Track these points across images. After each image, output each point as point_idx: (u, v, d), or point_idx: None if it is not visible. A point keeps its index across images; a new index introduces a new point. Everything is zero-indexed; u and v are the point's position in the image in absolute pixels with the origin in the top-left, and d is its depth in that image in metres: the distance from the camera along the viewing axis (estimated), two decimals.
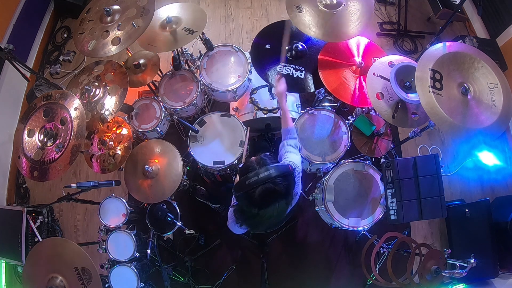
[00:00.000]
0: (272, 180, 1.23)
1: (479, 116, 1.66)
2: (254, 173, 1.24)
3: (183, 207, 2.21)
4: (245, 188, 1.25)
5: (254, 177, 1.23)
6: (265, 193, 1.23)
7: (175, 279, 2.49)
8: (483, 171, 2.83)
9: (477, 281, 2.39)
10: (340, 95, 2.03)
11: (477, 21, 3.20)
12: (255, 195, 1.23)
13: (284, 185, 1.25)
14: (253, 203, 1.25)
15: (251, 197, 1.24)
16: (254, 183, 1.23)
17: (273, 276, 2.51)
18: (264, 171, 1.24)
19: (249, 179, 1.24)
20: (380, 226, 2.02)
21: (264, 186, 1.22)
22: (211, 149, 2.21)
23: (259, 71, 2.12)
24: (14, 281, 2.57)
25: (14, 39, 2.83)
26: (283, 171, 1.26)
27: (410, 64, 1.94)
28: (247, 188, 1.24)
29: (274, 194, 1.24)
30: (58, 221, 2.80)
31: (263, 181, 1.22)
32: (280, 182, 1.24)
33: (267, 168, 1.25)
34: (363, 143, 2.27)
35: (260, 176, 1.23)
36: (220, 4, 3.53)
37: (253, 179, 1.23)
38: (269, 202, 1.24)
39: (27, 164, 1.86)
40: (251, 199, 1.24)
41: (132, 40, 1.93)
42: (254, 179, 1.23)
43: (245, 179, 1.25)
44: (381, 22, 3.36)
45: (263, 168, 1.26)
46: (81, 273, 1.73)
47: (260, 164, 1.30)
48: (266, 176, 1.23)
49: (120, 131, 2.19)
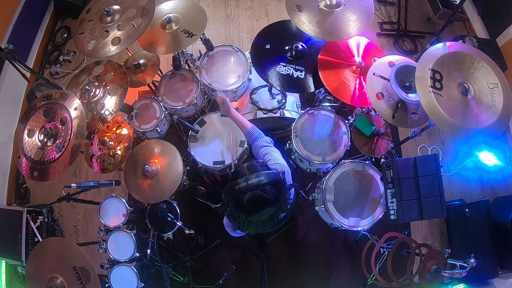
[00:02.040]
0: (261, 187, 1.22)
1: (479, 116, 1.66)
2: (244, 179, 1.24)
3: (183, 207, 2.21)
4: (234, 193, 1.25)
5: (244, 183, 1.23)
6: (254, 199, 1.22)
7: (175, 279, 2.49)
8: (483, 171, 2.83)
9: (477, 281, 2.39)
10: (340, 95, 2.02)
11: (477, 21, 3.20)
12: (244, 201, 1.23)
13: (273, 192, 1.24)
14: (241, 209, 1.25)
15: (239, 203, 1.24)
16: (243, 188, 1.22)
17: (273, 276, 2.51)
18: (254, 178, 1.23)
19: (238, 184, 1.24)
20: (380, 226, 2.02)
21: (253, 193, 1.22)
22: (211, 149, 2.21)
23: (259, 71, 2.12)
24: (14, 281, 2.57)
25: (14, 39, 2.82)
26: (273, 179, 1.26)
27: (410, 64, 1.94)
28: (236, 193, 1.24)
29: (262, 201, 1.23)
30: (58, 221, 2.80)
31: (252, 187, 1.22)
32: (269, 189, 1.24)
33: (258, 174, 1.25)
34: (363, 143, 2.27)
35: (249, 182, 1.23)
36: (220, 4, 3.53)
37: (242, 185, 1.23)
38: (257, 208, 1.24)
39: (27, 164, 1.86)
40: (239, 205, 1.24)
41: (132, 40, 1.92)
42: (243, 185, 1.23)
43: (234, 184, 1.25)
44: (381, 22, 3.36)
45: (254, 174, 1.25)
46: (79, 272, 1.73)
47: (251, 171, 1.29)
48: (256, 183, 1.22)
49: (120, 131, 2.19)
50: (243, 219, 1.27)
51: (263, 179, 1.23)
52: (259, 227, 1.31)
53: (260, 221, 1.28)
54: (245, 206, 1.24)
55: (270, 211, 1.25)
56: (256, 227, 1.31)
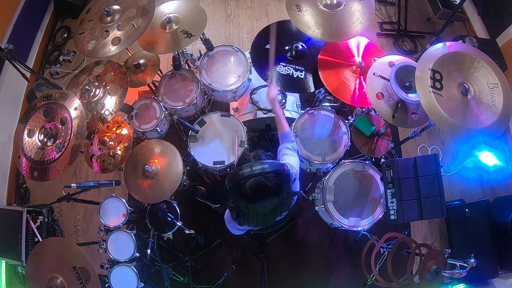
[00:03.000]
0: (264, 175, 1.23)
1: (479, 116, 1.66)
2: (248, 165, 1.26)
3: (183, 207, 2.21)
4: (237, 178, 1.26)
5: (248, 169, 1.24)
6: (256, 186, 1.23)
7: (175, 279, 2.49)
8: (483, 171, 2.83)
9: (477, 281, 2.39)
10: (340, 95, 2.03)
11: (477, 21, 3.20)
12: (246, 187, 1.24)
13: (275, 182, 1.25)
14: (242, 195, 1.26)
15: (241, 188, 1.25)
16: (246, 174, 1.24)
17: (273, 276, 2.51)
18: (258, 165, 1.25)
19: (242, 170, 1.25)
20: (380, 226, 2.02)
21: (256, 179, 1.23)
22: (211, 149, 2.21)
23: (259, 71, 2.13)
24: (14, 281, 2.57)
25: (14, 39, 2.82)
26: (277, 168, 1.27)
27: (410, 64, 1.94)
28: (239, 178, 1.25)
29: (264, 188, 1.24)
30: (58, 221, 2.80)
31: (255, 174, 1.23)
32: (272, 178, 1.24)
33: (262, 162, 1.26)
34: (363, 143, 2.27)
35: (253, 168, 1.24)
36: (220, 4, 3.53)
37: (246, 170, 1.24)
38: (258, 196, 1.25)
39: (27, 164, 1.85)
40: (241, 190, 1.25)
41: (132, 40, 1.92)
42: (247, 171, 1.24)
43: (238, 170, 1.26)
44: (381, 22, 3.36)
45: (258, 162, 1.27)
46: (79, 272, 1.73)
47: (256, 158, 1.32)
48: (260, 170, 1.23)
49: (120, 131, 2.19)
50: (244, 207, 1.28)
51: (267, 167, 1.25)
52: (259, 221, 1.31)
53: (261, 213, 1.28)
54: (246, 193, 1.24)
55: (272, 202, 1.26)
56: (256, 220, 1.31)
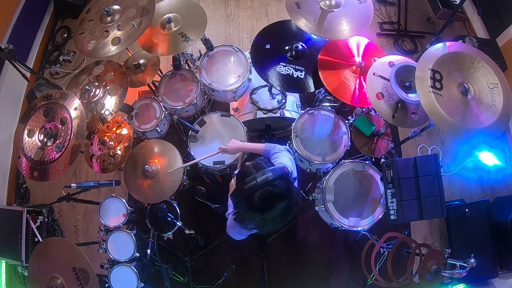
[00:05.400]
0: (271, 183, 1.21)
1: (479, 116, 1.66)
2: (252, 178, 1.23)
3: (183, 207, 2.21)
4: (244, 193, 1.23)
5: (252, 181, 1.21)
6: (265, 196, 1.21)
7: (175, 279, 2.49)
8: (483, 171, 2.83)
9: (477, 281, 2.39)
10: (340, 95, 2.02)
11: (477, 21, 3.20)
12: (255, 200, 1.21)
13: (283, 186, 1.23)
14: (254, 208, 1.23)
15: (251, 202, 1.22)
16: (253, 187, 1.21)
17: (273, 276, 2.51)
18: (262, 175, 1.22)
19: (247, 184, 1.22)
20: (380, 226, 2.02)
21: (263, 190, 1.20)
22: (211, 149, 2.20)
23: (259, 71, 2.12)
24: (14, 281, 2.57)
25: (14, 39, 2.82)
26: (280, 173, 1.25)
27: (410, 64, 1.94)
28: (246, 193, 1.22)
29: (274, 196, 1.22)
30: (58, 221, 2.80)
31: (261, 184, 1.20)
32: (279, 184, 1.22)
33: (264, 171, 1.23)
34: (363, 143, 2.27)
35: (258, 180, 1.21)
36: (220, 4, 3.52)
37: (251, 184, 1.21)
38: (271, 205, 1.22)
39: (27, 164, 1.86)
40: (252, 204, 1.22)
41: (132, 40, 1.92)
42: (252, 183, 1.21)
43: (243, 184, 1.23)
44: (381, 22, 3.36)
45: (260, 172, 1.24)
46: (79, 273, 1.73)
47: (257, 168, 1.27)
48: (264, 180, 1.21)
49: (120, 131, 2.19)
50: (259, 219, 1.25)
51: (271, 174, 1.22)
52: (277, 222, 1.29)
53: (278, 216, 1.26)
54: (258, 205, 1.21)
55: (283, 204, 1.24)
56: (274, 223, 1.29)
